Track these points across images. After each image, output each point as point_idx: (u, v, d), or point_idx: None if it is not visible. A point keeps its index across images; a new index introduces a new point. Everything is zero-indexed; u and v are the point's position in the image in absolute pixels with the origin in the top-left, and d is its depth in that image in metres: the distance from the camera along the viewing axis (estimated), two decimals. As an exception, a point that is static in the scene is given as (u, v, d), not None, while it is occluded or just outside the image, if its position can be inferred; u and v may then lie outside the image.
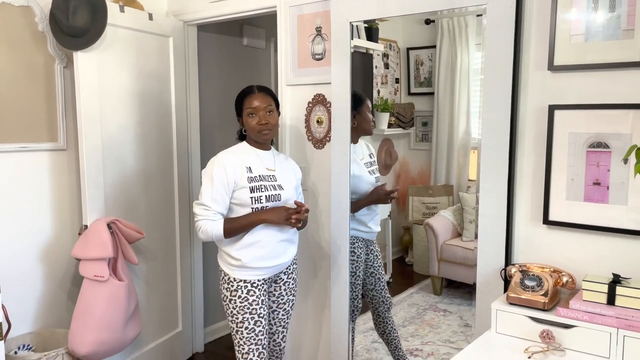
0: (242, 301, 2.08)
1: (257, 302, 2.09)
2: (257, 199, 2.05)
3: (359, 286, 2.49)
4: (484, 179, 1.94)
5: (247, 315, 2.07)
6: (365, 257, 2.49)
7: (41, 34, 2.53)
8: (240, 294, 2.08)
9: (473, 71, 2.49)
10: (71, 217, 2.71)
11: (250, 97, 2.10)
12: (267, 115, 2.08)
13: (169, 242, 3.05)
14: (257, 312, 2.09)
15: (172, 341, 3.11)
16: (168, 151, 3.01)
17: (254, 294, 2.09)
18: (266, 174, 2.10)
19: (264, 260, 2.09)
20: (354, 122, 2.37)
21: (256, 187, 2.06)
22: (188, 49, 3.09)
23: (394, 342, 2.54)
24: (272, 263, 2.11)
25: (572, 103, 1.77)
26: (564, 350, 1.58)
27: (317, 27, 2.49)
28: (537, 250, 1.88)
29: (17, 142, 2.48)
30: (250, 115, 2.08)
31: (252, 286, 2.09)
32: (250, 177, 2.06)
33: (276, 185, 2.11)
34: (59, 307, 2.69)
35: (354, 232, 2.43)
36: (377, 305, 2.54)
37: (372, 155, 2.56)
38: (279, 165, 2.18)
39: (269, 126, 2.09)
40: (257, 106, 2.07)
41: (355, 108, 2.37)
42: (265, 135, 2.09)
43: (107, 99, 2.59)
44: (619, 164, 1.69)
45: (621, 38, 1.67)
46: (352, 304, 2.45)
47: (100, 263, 2.42)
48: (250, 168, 2.08)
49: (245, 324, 2.07)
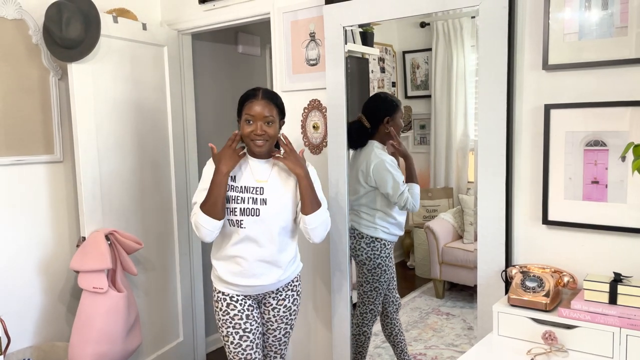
0: (223, 314, 2.00)
1: (240, 316, 1.98)
2: (231, 211, 1.92)
3: (384, 290, 2.49)
4: (481, 181, 1.94)
5: (230, 329, 1.98)
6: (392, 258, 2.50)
7: (35, 47, 2.53)
8: (221, 306, 2.00)
9: (469, 73, 2.49)
10: (69, 229, 2.70)
11: (251, 103, 1.92)
12: (264, 125, 1.90)
13: (168, 251, 3.04)
14: (242, 326, 1.98)
15: (174, 352, 3.09)
16: (165, 160, 3.00)
17: (234, 308, 1.98)
18: (252, 186, 1.95)
19: (237, 277, 1.96)
20: (387, 128, 2.39)
21: (233, 198, 1.93)
22: (183, 57, 3.09)
23: (400, 345, 2.52)
24: (248, 282, 1.96)
25: (568, 102, 1.76)
26: (567, 351, 1.57)
27: (310, 33, 2.49)
28: (537, 251, 1.87)
29: (13, 155, 2.47)
30: (247, 122, 1.92)
31: (231, 299, 1.99)
32: (230, 185, 1.94)
33: (259, 199, 1.93)
34: (59, 320, 2.67)
35: (391, 237, 2.44)
36: (387, 305, 2.52)
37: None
38: (277, 176, 1.99)
39: (264, 137, 1.91)
40: (257, 114, 1.90)
41: (389, 113, 2.40)
42: (259, 146, 1.92)
43: (103, 109, 2.59)
44: (617, 161, 1.68)
45: (615, 35, 1.66)
46: (375, 309, 2.45)
47: (99, 275, 2.40)
48: (234, 177, 1.96)
49: (230, 338, 1.98)
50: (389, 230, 2.44)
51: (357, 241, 2.45)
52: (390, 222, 2.44)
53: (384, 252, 2.43)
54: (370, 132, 2.43)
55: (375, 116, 2.42)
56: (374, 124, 2.42)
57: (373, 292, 2.46)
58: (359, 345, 2.51)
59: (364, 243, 2.44)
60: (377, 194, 2.42)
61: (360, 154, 2.45)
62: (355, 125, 2.42)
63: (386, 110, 2.43)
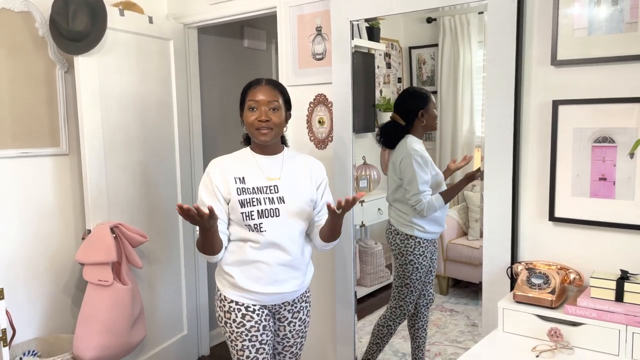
0: (238, 326, 1.81)
1: (257, 327, 1.82)
2: (248, 215, 1.75)
3: (418, 290, 2.44)
4: (488, 177, 1.93)
5: (246, 342, 1.81)
6: (431, 255, 2.44)
7: (42, 40, 2.53)
8: (235, 318, 1.81)
9: (476, 69, 2.48)
10: (75, 222, 2.71)
11: (255, 89, 1.80)
12: (269, 112, 1.77)
13: (173, 245, 3.05)
14: (258, 339, 1.82)
15: (178, 345, 3.11)
16: (170, 154, 3.00)
17: (251, 320, 1.81)
18: (264, 185, 1.80)
19: (257, 284, 1.79)
20: (422, 121, 2.37)
21: (247, 201, 1.76)
22: (189, 51, 3.08)
23: (417, 341, 2.51)
24: (270, 290, 1.80)
25: (577, 98, 1.75)
26: (572, 349, 1.56)
27: (317, 27, 2.48)
28: (543, 248, 1.86)
29: (19, 147, 2.48)
30: (251, 109, 1.78)
31: (247, 310, 1.82)
32: (241, 188, 1.77)
33: (276, 197, 1.79)
34: (64, 312, 2.68)
35: (427, 235, 2.39)
36: (418, 297, 2.49)
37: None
38: (288, 173, 1.86)
39: (269, 124, 1.76)
40: (260, 99, 1.77)
41: (422, 106, 2.37)
42: (264, 135, 1.77)
43: (109, 102, 2.59)
44: (625, 158, 1.67)
45: (624, 31, 1.65)
46: (405, 306, 2.43)
47: (104, 267, 2.41)
48: (243, 178, 1.79)
49: (246, 352, 1.81)
50: (424, 228, 2.37)
51: (393, 236, 2.43)
52: (427, 220, 2.37)
53: (418, 250, 2.38)
54: (405, 128, 2.40)
55: (409, 112, 2.40)
56: (408, 120, 2.40)
57: (404, 288, 2.41)
58: (379, 337, 2.48)
59: (399, 239, 2.40)
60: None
61: (397, 148, 2.42)
62: (389, 125, 2.43)
63: (418, 104, 2.39)
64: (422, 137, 2.42)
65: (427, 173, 2.33)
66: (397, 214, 2.41)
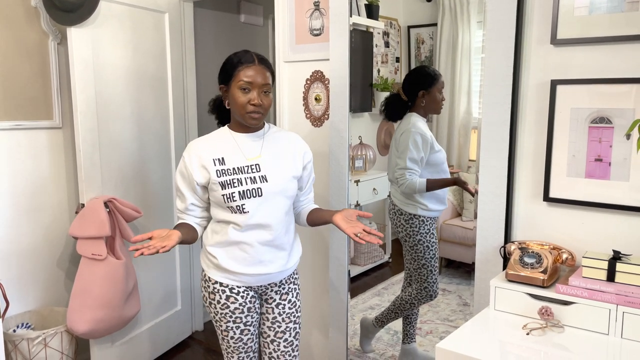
0: (222, 307, 1.81)
1: (241, 309, 1.81)
2: (229, 197, 1.71)
3: (435, 268, 2.42)
4: (484, 157, 1.92)
5: (230, 324, 1.82)
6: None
7: (34, 10, 2.49)
8: (219, 299, 1.80)
9: (474, 50, 2.45)
10: (68, 196, 2.69)
11: (249, 68, 1.70)
12: (262, 95, 1.71)
13: (167, 221, 3.04)
14: (243, 320, 1.82)
15: (172, 320, 3.12)
16: (165, 129, 2.98)
17: (235, 302, 1.80)
18: (245, 165, 1.75)
19: (242, 265, 1.77)
20: (422, 102, 2.32)
21: (227, 182, 1.71)
22: (184, 25, 3.04)
23: (410, 318, 2.52)
24: (254, 270, 1.78)
25: (575, 78, 1.74)
26: (563, 327, 1.57)
27: (315, 2, 2.44)
28: (537, 228, 1.87)
29: (12, 119, 2.45)
30: (243, 90, 1.70)
31: (231, 291, 1.80)
32: (220, 170, 1.73)
33: (258, 177, 1.74)
34: (58, 285, 2.69)
35: (430, 213, 2.38)
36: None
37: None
38: (269, 150, 1.80)
39: (261, 109, 1.72)
40: (255, 82, 1.69)
41: (425, 87, 2.33)
42: (255, 119, 1.72)
43: (102, 75, 2.56)
44: (622, 139, 1.66)
45: (626, 10, 1.62)
46: (429, 287, 2.41)
47: (97, 242, 2.41)
48: (223, 159, 1.74)
49: (231, 333, 1.83)
50: (427, 206, 2.36)
51: (397, 217, 2.42)
52: (428, 198, 2.36)
53: (424, 229, 2.38)
54: (409, 105, 2.38)
55: (412, 89, 2.38)
56: (411, 97, 2.37)
57: (422, 269, 2.40)
58: (400, 310, 2.48)
59: (403, 219, 2.40)
60: None
61: (401, 123, 2.41)
62: (392, 98, 2.41)
63: (420, 85, 2.36)
64: (426, 117, 2.40)
65: (419, 153, 2.32)
66: (400, 192, 2.41)
